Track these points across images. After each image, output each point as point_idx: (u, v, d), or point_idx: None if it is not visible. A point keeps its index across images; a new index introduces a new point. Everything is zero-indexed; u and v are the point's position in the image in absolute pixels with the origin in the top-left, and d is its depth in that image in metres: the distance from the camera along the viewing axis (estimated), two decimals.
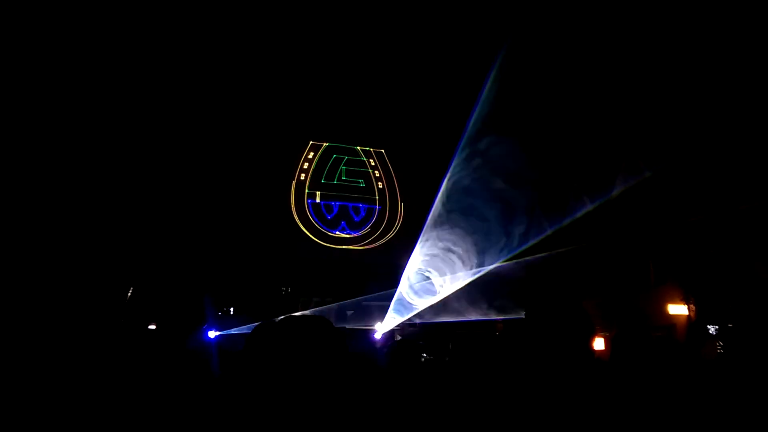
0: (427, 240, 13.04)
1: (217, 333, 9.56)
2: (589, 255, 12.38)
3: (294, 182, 15.52)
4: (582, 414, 1.22)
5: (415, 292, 12.81)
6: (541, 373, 1.33)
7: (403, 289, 12.78)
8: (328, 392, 0.99)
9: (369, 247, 15.58)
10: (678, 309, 11.49)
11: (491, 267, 12.15)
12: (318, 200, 15.52)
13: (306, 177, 15.70)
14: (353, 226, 15.64)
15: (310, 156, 15.98)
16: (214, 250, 12.25)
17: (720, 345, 3.77)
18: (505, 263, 12.22)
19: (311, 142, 16.07)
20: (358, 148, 16.67)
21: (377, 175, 16.45)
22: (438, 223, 13.40)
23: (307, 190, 15.55)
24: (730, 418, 1.80)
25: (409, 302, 12.58)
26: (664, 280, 11.98)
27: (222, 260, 12.35)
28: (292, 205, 15.12)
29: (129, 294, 10.28)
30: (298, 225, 14.94)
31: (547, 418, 1.23)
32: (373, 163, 16.55)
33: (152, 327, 8.15)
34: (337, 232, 15.39)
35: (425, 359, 6.07)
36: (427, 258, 13.03)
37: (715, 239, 10.57)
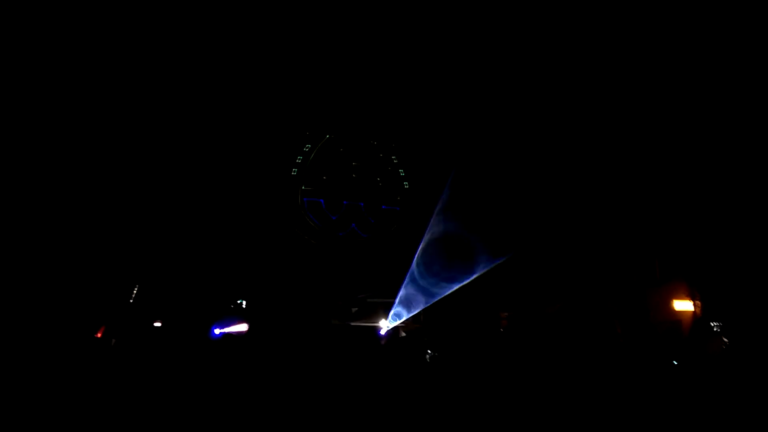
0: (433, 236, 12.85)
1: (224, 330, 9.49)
2: (594, 253, 12.35)
3: (284, 177, 13.70)
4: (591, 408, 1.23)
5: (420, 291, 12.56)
6: (565, 364, 1.34)
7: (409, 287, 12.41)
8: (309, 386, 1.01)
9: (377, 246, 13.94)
10: (683, 305, 11.45)
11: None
12: (317, 198, 13.77)
13: (300, 172, 13.94)
14: (367, 229, 14.00)
15: (306, 148, 14.27)
16: (217, 246, 12.07)
17: (725, 341, 3.76)
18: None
19: (307, 132, 14.45)
20: (376, 143, 15.07)
21: (402, 173, 14.96)
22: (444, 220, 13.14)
23: (302, 187, 13.79)
24: (734, 411, 1.80)
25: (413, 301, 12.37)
26: (669, 277, 11.94)
27: (225, 257, 12.13)
28: (283, 204, 13.36)
29: (134, 292, 10.34)
30: (291, 225, 13.27)
31: (556, 411, 1.24)
32: (396, 161, 15.10)
33: (158, 324, 8.21)
34: (344, 235, 13.74)
35: (430, 356, 6.09)
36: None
37: (720, 235, 10.52)
